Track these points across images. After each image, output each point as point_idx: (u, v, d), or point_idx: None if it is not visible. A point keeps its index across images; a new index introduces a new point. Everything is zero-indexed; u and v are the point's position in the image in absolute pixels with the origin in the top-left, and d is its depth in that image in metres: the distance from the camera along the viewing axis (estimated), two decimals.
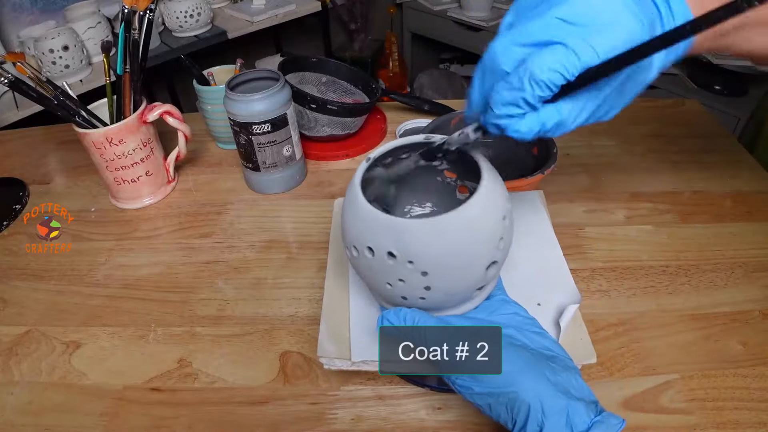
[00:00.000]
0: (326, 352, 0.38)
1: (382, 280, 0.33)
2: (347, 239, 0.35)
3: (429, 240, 0.31)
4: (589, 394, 0.30)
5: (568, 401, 0.28)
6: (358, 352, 0.38)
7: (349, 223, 0.34)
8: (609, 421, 0.28)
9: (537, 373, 0.29)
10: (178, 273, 0.54)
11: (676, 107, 0.77)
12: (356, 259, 0.34)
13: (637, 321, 0.46)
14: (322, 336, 0.39)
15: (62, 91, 0.57)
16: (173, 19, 1.49)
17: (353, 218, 0.33)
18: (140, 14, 0.59)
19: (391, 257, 0.31)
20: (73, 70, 1.28)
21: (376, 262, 0.32)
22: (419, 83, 2.08)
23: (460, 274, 0.32)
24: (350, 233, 0.34)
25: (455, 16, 1.92)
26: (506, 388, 0.28)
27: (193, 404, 0.42)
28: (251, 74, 0.60)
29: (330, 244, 0.48)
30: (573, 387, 0.29)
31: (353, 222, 0.33)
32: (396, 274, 0.32)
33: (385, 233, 0.31)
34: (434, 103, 0.76)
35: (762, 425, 0.38)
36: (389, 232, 0.31)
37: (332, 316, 0.41)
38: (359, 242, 0.33)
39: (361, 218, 0.33)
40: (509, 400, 0.28)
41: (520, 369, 0.29)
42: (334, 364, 0.38)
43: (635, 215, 0.57)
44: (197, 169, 0.69)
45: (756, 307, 0.46)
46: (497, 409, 0.29)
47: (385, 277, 0.33)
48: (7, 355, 0.46)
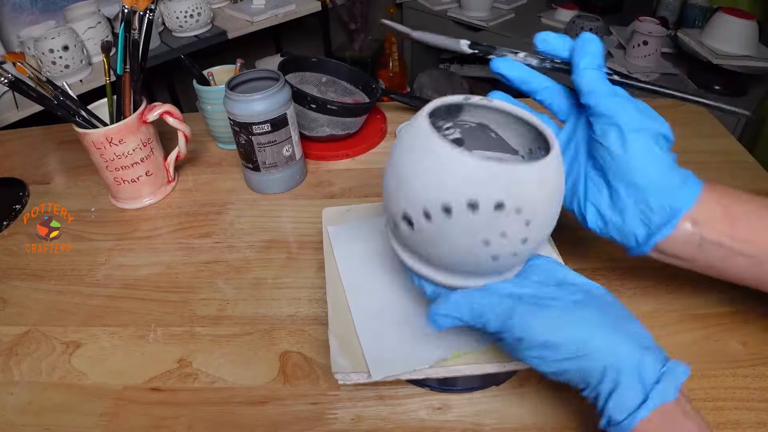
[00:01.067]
0: (341, 367, 0.37)
1: (478, 239, 0.29)
2: (423, 201, 0.29)
3: (537, 186, 0.29)
4: (651, 340, 0.30)
5: (639, 356, 0.28)
6: (377, 370, 0.37)
7: (429, 181, 0.29)
8: (676, 370, 0.28)
9: (606, 330, 0.28)
10: (178, 273, 0.54)
11: (676, 107, 0.77)
12: (434, 224, 0.29)
13: None
14: (333, 351, 0.38)
15: (62, 91, 0.57)
16: (173, 19, 1.49)
17: (440, 173, 0.28)
18: (140, 14, 0.59)
19: (498, 209, 0.28)
20: (73, 70, 1.28)
21: (473, 220, 0.28)
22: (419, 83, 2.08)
23: (551, 222, 0.31)
24: (435, 191, 0.29)
25: (455, 16, 1.92)
26: (579, 352, 0.28)
27: (193, 404, 0.42)
28: (251, 74, 0.60)
29: (325, 256, 0.47)
30: (637, 336, 0.29)
31: (441, 177, 0.28)
32: (499, 227, 0.29)
33: (495, 182, 0.28)
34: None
35: (762, 425, 0.38)
36: (500, 181, 0.28)
37: (340, 329, 0.40)
38: (453, 199, 0.28)
39: (457, 171, 0.28)
40: (582, 364, 0.28)
41: (590, 330, 0.28)
42: (350, 379, 0.37)
43: None
44: (197, 169, 0.70)
45: (756, 307, 0.46)
46: (569, 374, 0.29)
47: (483, 234, 0.29)
48: (7, 355, 0.46)
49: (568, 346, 0.28)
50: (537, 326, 0.29)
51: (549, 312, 0.29)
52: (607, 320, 0.29)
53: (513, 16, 1.90)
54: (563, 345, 0.28)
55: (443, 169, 0.28)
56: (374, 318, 0.41)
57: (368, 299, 0.42)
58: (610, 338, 0.28)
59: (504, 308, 0.30)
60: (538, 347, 0.29)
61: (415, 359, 0.38)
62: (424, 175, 0.29)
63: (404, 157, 0.30)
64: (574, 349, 0.28)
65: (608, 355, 0.28)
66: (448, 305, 0.31)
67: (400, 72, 2.14)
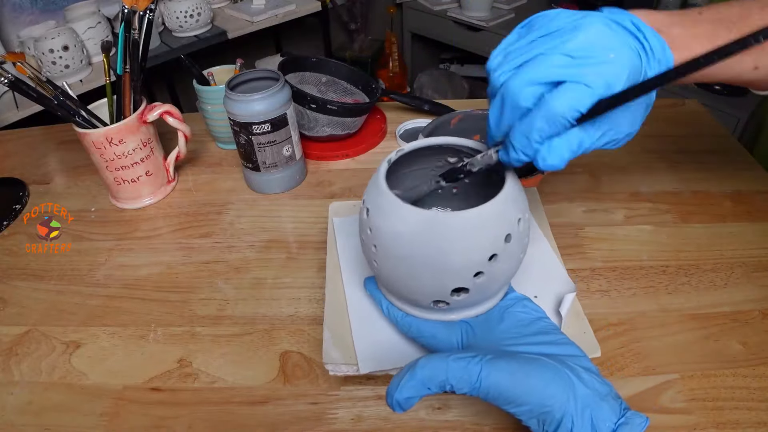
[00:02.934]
0: (332, 358, 0.38)
1: (438, 282, 0.33)
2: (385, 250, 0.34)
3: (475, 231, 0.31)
4: (611, 391, 0.30)
5: (593, 407, 0.29)
6: (365, 363, 0.38)
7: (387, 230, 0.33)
8: (633, 421, 0.28)
9: (564, 383, 0.29)
10: (178, 273, 0.54)
11: (676, 107, 0.77)
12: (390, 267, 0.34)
13: (637, 321, 0.46)
14: (326, 343, 0.39)
15: (62, 91, 0.57)
16: (173, 19, 1.49)
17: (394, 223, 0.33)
18: (140, 14, 0.59)
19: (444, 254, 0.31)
20: (73, 70, 1.28)
21: (426, 263, 0.32)
22: (419, 83, 2.08)
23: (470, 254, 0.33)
24: (392, 242, 0.33)
25: (455, 16, 1.92)
26: (537, 404, 0.29)
27: (193, 404, 0.42)
28: (251, 74, 0.60)
29: (328, 248, 0.48)
30: (596, 388, 0.30)
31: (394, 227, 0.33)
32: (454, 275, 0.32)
33: (434, 230, 0.31)
34: (434, 103, 0.76)
35: (762, 425, 0.38)
36: (440, 229, 0.31)
37: (335, 323, 0.41)
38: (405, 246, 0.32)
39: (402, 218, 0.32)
40: (540, 413, 0.29)
41: (547, 383, 0.29)
42: (340, 370, 0.38)
43: (635, 215, 0.57)
44: (197, 169, 0.69)
45: (756, 307, 0.46)
46: (529, 421, 0.30)
47: (441, 278, 0.33)
48: (7, 355, 0.46)
49: (523, 397, 0.29)
50: (491, 376, 0.29)
51: (505, 362, 0.30)
52: (561, 373, 0.30)
53: (513, 16, 1.90)
54: (522, 398, 0.29)
55: (399, 221, 0.32)
56: (369, 313, 0.42)
57: (365, 294, 0.43)
58: (563, 391, 0.29)
59: (459, 371, 0.30)
60: (503, 404, 0.30)
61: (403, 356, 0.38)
62: (385, 227, 0.33)
63: (373, 211, 0.34)
64: (533, 400, 0.29)
65: (563, 406, 0.28)
66: (412, 387, 0.30)
67: (400, 72, 2.14)
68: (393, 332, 0.41)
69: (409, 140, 0.70)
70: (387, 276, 0.35)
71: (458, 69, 2.27)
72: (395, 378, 0.31)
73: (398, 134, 0.72)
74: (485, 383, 0.29)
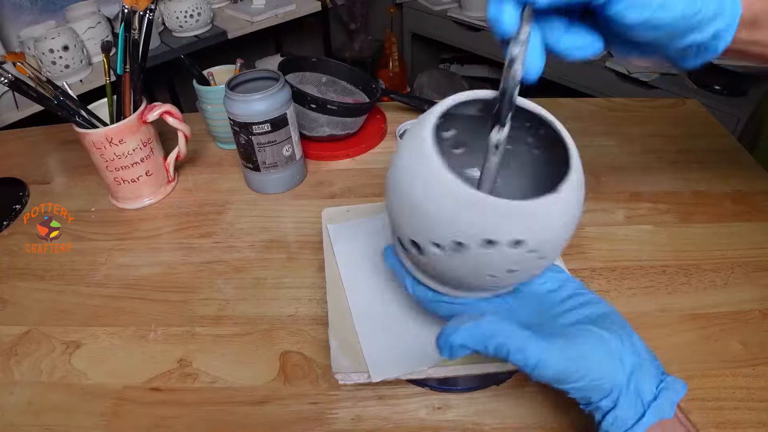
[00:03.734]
0: (341, 367, 0.37)
1: (485, 272, 0.29)
2: (429, 234, 0.28)
3: (556, 220, 0.27)
4: (651, 354, 0.30)
5: (637, 374, 0.29)
6: (376, 370, 0.37)
7: (442, 218, 0.27)
8: (674, 386, 0.29)
9: (609, 355, 0.29)
10: (178, 273, 0.54)
11: (676, 107, 0.77)
12: (444, 253, 0.28)
13: (637, 321, 0.45)
14: (334, 352, 0.38)
15: (62, 91, 0.57)
16: (173, 19, 1.49)
17: (448, 208, 0.27)
18: (140, 14, 0.59)
19: (515, 246, 0.27)
20: (73, 70, 1.28)
21: (487, 255, 0.27)
22: (419, 83, 2.08)
23: (561, 248, 0.30)
24: (448, 228, 0.27)
25: (455, 16, 1.92)
26: (588, 381, 0.28)
27: (193, 404, 0.42)
28: (251, 74, 0.60)
29: (325, 255, 0.47)
30: (635, 350, 0.30)
31: (457, 217, 0.27)
32: (512, 263, 0.28)
33: (513, 221, 0.26)
34: (434, 103, 0.76)
35: (762, 425, 0.38)
36: (517, 220, 0.26)
37: (341, 330, 0.40)
38: (467, 236, 0.27)
39: (468, 207, 0.26)
40: (591, 389, 0.29)
41: (600, 361, 0.29)
42: (350, 379, 0.37)
43: (635, 215, 0.57)
44: (197, 169, 0.70)
45: (756, 307, 0.46)
46: (572, 392, 0.29)
47: (492, 269, 0.28)
48: (7, 355, 0.46)
49: (567, 370, 0.28)
50: (549, 359, 0.28)
51: (557, 343, 0.29)
52: (610, 344, 0.29)
53: None
54: (576, 376, 0.28)
55: (458, 207, 0.26)
56: (374, 318, 0.41)
57: (368, 299, 0.42)
58: (612, 363, 0.29)
59: (521, 342, 0.29)
60: (549, 378, 0.29)
61: (415, 359, 0.38)
62: (437, 212, 0.27)
63: (412, 183, 0.28)
64: (575, 372, 0.28)
65: (606, 375, 0.29)
66: (471, 336, 0.28)
67: (400, 72, 2.14)
68: (402, 336, 0.40)
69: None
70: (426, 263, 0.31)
71: (458, 69, 2.27)
72: (455, 321, 0.29)
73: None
74: (541, 364, 0.28)
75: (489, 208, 0.26)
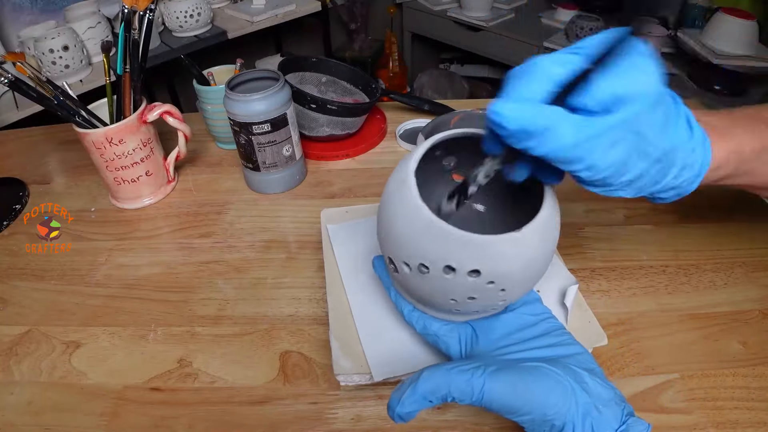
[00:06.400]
0: (343, 369, 0.38)
1: (447, 297, 0.31)
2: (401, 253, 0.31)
3: (516, 258, 0.29)
4: (615, 395, 0.30)
5: (596, 414, 0.29)
6: (378, 370, 0.37)
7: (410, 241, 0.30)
8: (634, 428, 0.29)
9: (565, 392, 0.29)
10: (178, 273, 0.54)
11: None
12: (408, 275, 0.32)
13: (637, 321, 0.46)
14: (335, 353, 0.39)
15: (62, 91, 0.57)
16: (173, 19, 1.49)
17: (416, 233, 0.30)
18: (140, 14, 0.59)
19: (472, 275, 0.29)
20: (73, 70, 1.28)
21: (448, 280, 0.30)
22: (419, 83, 2.08)
23: (529, 284, 0.32)
24: (415, 251, 0.30)
25: (455, 16, 1.92)
26: (539, 413, 0.29)
27: (193, 404, 0.42)
28: (251, 74, 0.60)
29: (324, 255, 0.47)
30: (599, 394, 0.30)
31: (416, 238, 0.30)
32: (471, 291, 0.30)
33: (471, 253, 0.29)
34: (434, 103, 0.76)
35: (762, 425, 0.38)
36: (476, 253, 0.29)
37: (342, 331, 0.40)
38: (426, 259, 0.30)
39: (432, 234, 0.29)
40: (542, 422, 0.29)
41: (548, 393, 0.29)
42: (352, 380, 0.37)
43: (635, 215, 0.57)
44: (197, 169, 0.70)
45: (756, 307, 0.46)
46: (531, 429, 0.30)
47: (453, 294, 0.31)
48: (7, 355, 0.46)
49: (525, 406, 0.29)
50: (493, 393, 0.29)
51: (505, 377, 0.29)
52: (563, 383, 0.29)
53: (513, 16, 1.90)
54: (524, 409, 0.29)
55: (424, 234, 0.29)
56: (375, 318, 0.41)
57: (369, 299, 0.42)
58: (565, 401, 0.29)
59: (461, 384, 0.30)
60: (496, 410, 0.30)
61: (416, 359, 0.38)
62: (407, 235, 0.30)
63: (392, 207, 0.31)
64: (534, 407, 0.29)
65: (562, 415, 0.29)
66: (414, 402, 0.30)
67: (400, 72, 2.14)
68: (402, 335, 0.40)
69: (409, 140, 0.70)
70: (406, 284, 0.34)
71: (458, 69, 2.27)
72: (396, 391, 0.31)
73: (398, 134, 0.72)
74: (487, 396, 0.29)
75: (450, 237, 0.29)
